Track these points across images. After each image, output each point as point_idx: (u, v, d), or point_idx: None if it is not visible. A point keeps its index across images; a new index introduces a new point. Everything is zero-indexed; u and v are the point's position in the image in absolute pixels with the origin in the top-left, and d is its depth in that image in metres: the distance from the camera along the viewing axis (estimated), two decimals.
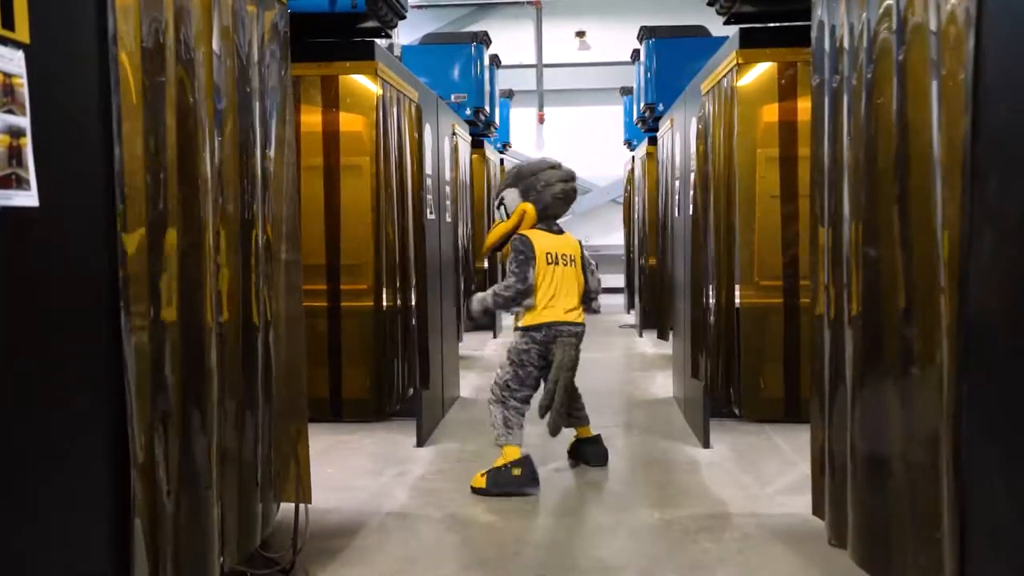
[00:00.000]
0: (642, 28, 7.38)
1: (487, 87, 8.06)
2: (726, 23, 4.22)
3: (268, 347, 2.49)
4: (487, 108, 7.99)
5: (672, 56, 7.07)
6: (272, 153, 2.55)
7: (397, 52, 7.41)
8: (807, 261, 2.82)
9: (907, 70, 1.95)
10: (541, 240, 3.83)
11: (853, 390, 2.28)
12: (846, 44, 2.29)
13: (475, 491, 3.68)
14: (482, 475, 3.71)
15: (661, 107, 6.99)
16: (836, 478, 2.44)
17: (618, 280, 13.25)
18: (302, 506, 2.79)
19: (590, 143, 14.67)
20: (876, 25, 2.09)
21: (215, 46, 2.13)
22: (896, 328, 2.05)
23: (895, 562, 2.04)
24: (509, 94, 11.24)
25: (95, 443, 1.71)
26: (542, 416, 3.84)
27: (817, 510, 2.65)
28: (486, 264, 8.29)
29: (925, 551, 1.87)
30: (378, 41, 4.11)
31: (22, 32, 1.46)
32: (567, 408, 3.91)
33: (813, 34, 2.55)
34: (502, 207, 4.01)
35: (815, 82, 2.53)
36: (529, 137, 14.98)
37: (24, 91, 1.45)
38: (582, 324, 3.95)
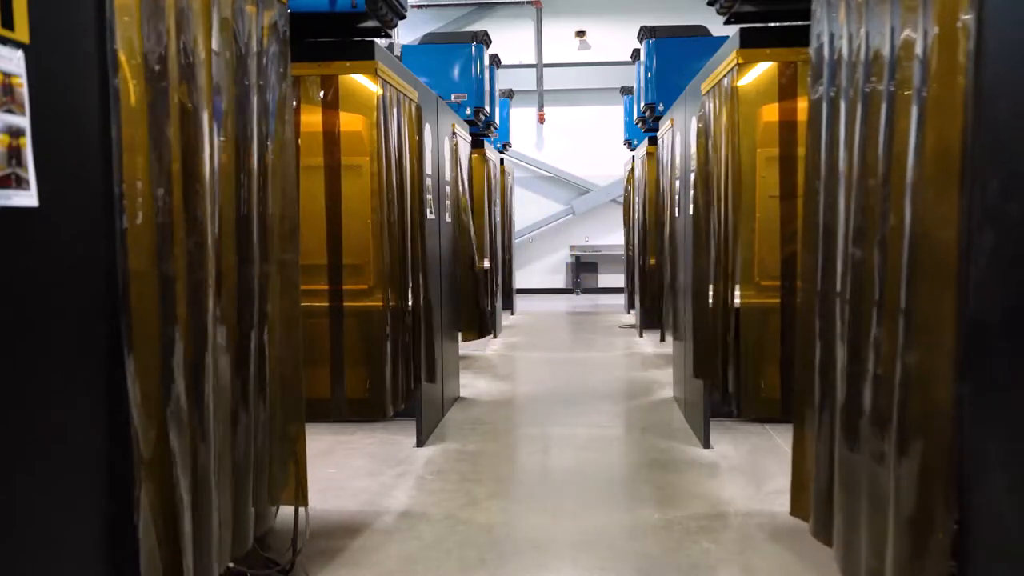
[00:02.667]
0: (642, 28, 7.38)
1: (487, 87, 8.05)
2: (726, 23, 4.21)
3: (263, 346, 2.49)
4: (487, 108, 7.99)
5: (672, 56, 7.06)
6: (270, 151, 2.55)
7: (397, 52, 7.40)
8: (804, 263, 2.82)
9: (900, 78, 1.95)
10: None
11: (841, 395, 2.28)
12: (844, 54, 2.29)
13: None
14: None
15: (661, 107, 6.99)
16: (821, 481, 2.45)
17: (618, 280, 13.26)
18: (302, 507, 2.79)
19: (590, 143, 14.68)
20: (874, 39, 2.09)
21: (215, 45, 2.13)
22: (871, 330, 2.06)
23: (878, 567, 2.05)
24: (509, 94, 11.24)
25: (94, 444, 1.71)
26: None
27: (797, 510, 2.65)
28: (487, 264, 8.28)
29: (918, 556, 1.87)
30: (378, 41, 4.10)
31: (22, 32, 1.45)
32: None
33: (812, 42, 2.55)
34: None
35: (813, 90, 2.53)
36: (529, 137, 14.99)
37: (24, 91, 1.45)
38: None
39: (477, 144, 7.88)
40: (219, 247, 2.17)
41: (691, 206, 4.62)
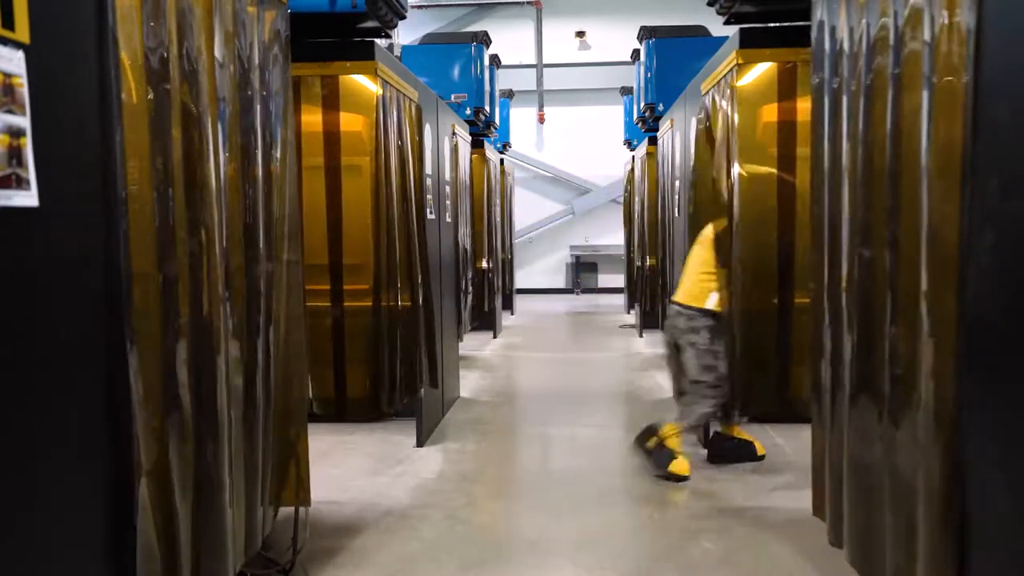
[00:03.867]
0: (642, 28, 7.38)
1: (487, 87, 8.05)
2: (726, 23, 4.22)
3: (268, 348, 2.49)
4: (487, 108, 7.99)
5: (672, 56, 7.07)
6: (274, 153, 2.55)
7: (397, 52, 7.41)
8: (807, 263, 2.82)
9: (903, 74, 1.95)
10: None
11: (851, 393, 2.28)
12: (846, 47, 2.28)
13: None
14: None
15: (661, 107, 6.99)
16: (834, 481, 2.45)
17: (618, 280, 13.25)
18: (302, 507, 2.79)
19: (590, 143, 14.67)
20: (875, 30, 2.09)
21: (216, 46, 2.13)
22: (884, 329, 2.06)
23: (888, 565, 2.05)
24: (509, 94, 11.25)
25: (95, 444, 1.71)
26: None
27: (817, 511, 2.65)
28: (486, 264, 8.27)
29: (920, 553, 1.88)
30: (378, 41, 4.10)
31: (22, 32, 1.45)
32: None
33: (813, 35, 2.55)
34: None
35: (815, 82, 2.53)
36: (529, 137, 14.98)
37: (24, 91, 1.45)
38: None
39: (477, 144, 7.88)
40: (224, 248, 2.17)
41: (691, 206, 4.62)
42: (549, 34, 14.79)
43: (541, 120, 15.04)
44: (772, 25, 4.06)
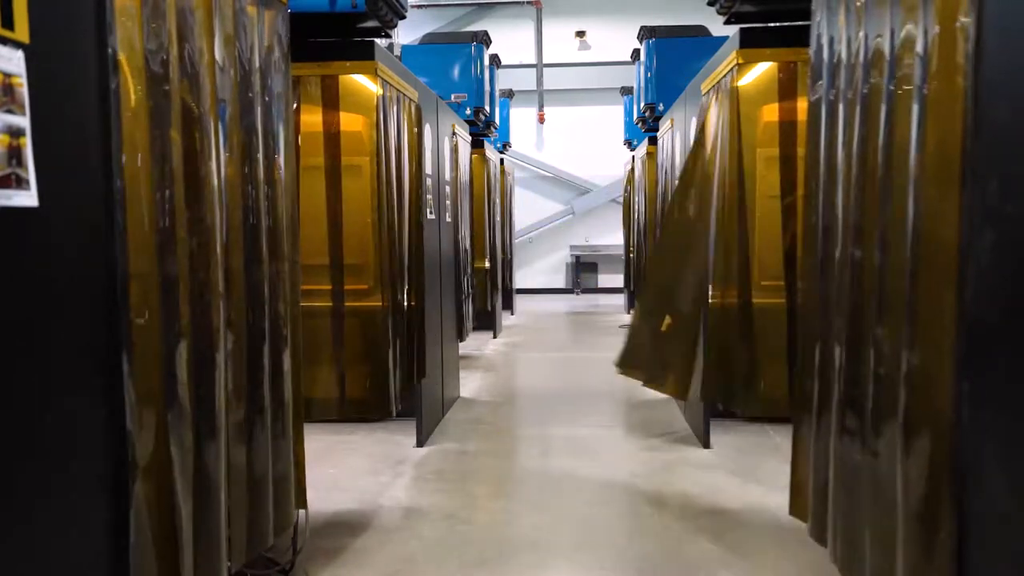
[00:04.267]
0: (642, 28, 7.38)
1: (487, 87, 8.05)
2: (726, 23, 4.22)
3: (275, 347, 2.49)
4: (487, 108, 7.99)
5: (672, 56, 7.07)
6: (277, 153, 2.55)
7: (397, 52, 7.41)
8: (804, 263, 2.82)
9: (899, 81, 1.96)
10: None
11: (841, 396, 2.28)
12: (843, 57, 2.29)
13: None
14: None
15: (661, 107, 6.99)
16: (818, 482, 2.45)
17: (618, 280, 13.26)
18: (300, 509, 2.79)
19: (590, 143, 14.68)
20: (873, 41, 2.09)
21: (216, 45, 2.13)
22: (875, 330, 2.06)
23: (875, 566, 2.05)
24: (509, 94, 11.25)
25: (93, 445, 1.71)
26: None
27: (797, 510, 2.65)
28: (487, 264, 8.27)
29: (916, 555, 1.87)
30: (378, 41, 4.10)
31: (22, 32, 1.45)
32: None
33: (812, 44, 2.55)
34: None
35: (812, 92, 2.54)
36: (529, 137, 14.99)
37: (24, 91, 1.45)
38: None
39: (477, 144, 7.88)
40: (226, 248, 2.17)
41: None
42: (549, 34, 14.79)
43: (541, 120, 15.04)
44: (772, 25, 4.06)
